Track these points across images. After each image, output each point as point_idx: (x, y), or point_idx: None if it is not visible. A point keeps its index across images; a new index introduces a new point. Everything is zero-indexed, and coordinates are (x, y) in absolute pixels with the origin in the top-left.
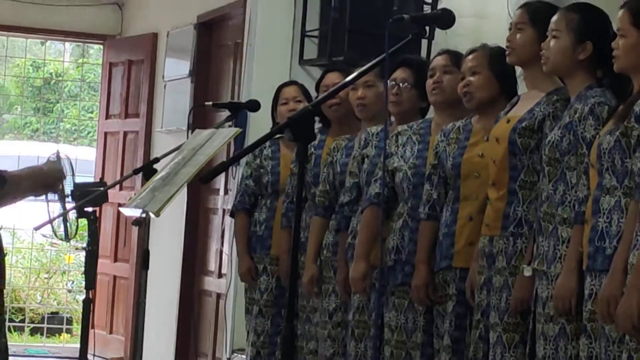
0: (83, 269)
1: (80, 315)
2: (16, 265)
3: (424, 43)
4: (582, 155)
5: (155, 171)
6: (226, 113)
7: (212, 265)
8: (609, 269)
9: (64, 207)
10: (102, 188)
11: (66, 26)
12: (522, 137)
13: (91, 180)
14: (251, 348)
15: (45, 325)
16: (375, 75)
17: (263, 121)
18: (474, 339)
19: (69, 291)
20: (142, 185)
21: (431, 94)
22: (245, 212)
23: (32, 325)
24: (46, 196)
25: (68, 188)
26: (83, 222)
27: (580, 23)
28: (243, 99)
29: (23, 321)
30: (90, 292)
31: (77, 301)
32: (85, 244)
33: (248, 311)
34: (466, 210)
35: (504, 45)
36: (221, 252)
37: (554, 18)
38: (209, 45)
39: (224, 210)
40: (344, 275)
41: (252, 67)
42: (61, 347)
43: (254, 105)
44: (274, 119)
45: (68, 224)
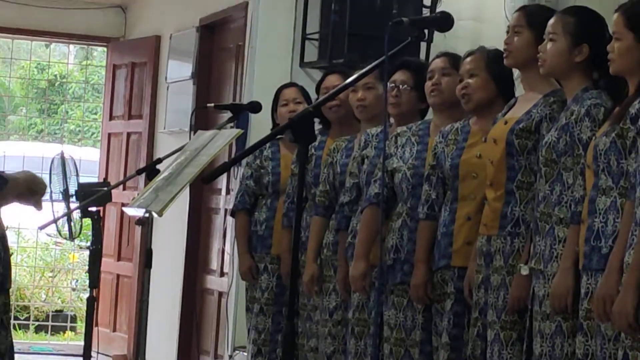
0: (87, 268)
1: (84, 313)
2: (21, 264)
3: (423, 46)
4: (579, 156)
5: (158, 171)
6: (228, 114)
7: (214, 264)
8: (605, 268)
9: (68, 207)
10: (106, 188)
11: (70, 29)
12: (520, 138)
13: (95, 180)
14: (252, 346)
15: (49, 323)
16: (374, 77)
17: (264, 122)
18: (472, 337)
19: (73, 289)
20: (145, 185)
21: (430, 96)
22: (245, 212)
23: (37, 323)
24: (51, 196)
25: (72, 188)
26: (87, 222)
27: (576, 26)
28: (244, 101)
29: (28, 319)
30: (94, 291)
31: (81, 299)
32: (89, 243)
33: (249, 309)
34: (464, 210)
35: (502, 47)
36: (223, 251)
37: (551, 21)
38: (211, 47)
39: (226, 210)
40: (344, 274)
41: (254, 69)
42: (65, 345)
43: (256, 106)
44: (274, 120)
45: (72, 224)
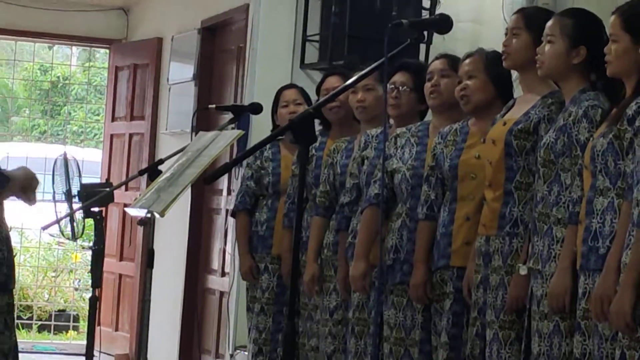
0: (89, 268)
1: (86, 312)
2: (24, 264)
3: (422, 47)
4: (576, 157)
5: (160, 172)
6: (229, 115)
7: (216, 264)
8: (602, 268)
9: (71, 207)
10: (108, 189)
11: (73, 31)
12: (518, 139)
13: (97, 181)
14: (253, 345)
15: (52, 322)
16: (374, 78)
17: (265, 123)
18: (471, 336)
19: (76, 289)
20: (147, 186)
21: (429, 98)
22: (246, 213)
23: (40, 322)
24: (54, 196)
25: (75, 189)
26: (89, 222)
27: (574, 28)
28: (245, 102)
29: (31, 319)
30: (96, 290)
31: (84, 299)
32: (91, 243)
33: (250, 309)
34: (463, 210)
35: (500, 49)
36: (224, 252)
37: (549, 23)
38: (213, 49)
39: (227, 210)
40: (344, 273)
41: (255, 71)
42: (68, 344)
43: (257, 108)
44: (274, 121)
45: (75, 224)
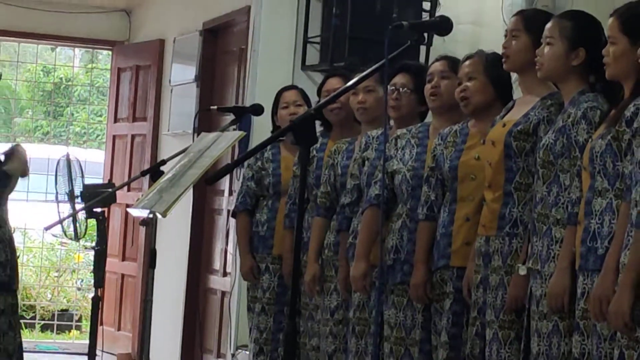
0: (92, 268)
1: (89, 312)
2: (27, 264)
3: (423, 49)
4: (575, 158)
5: (162, 173)
6: (231, 117)
7: (217, 264)
8: (601, 269)
9: (74, 208)
10: (111, 189)
11: (76, 33)
12: (518, 141)
13: (100, 181)
14: (254, 345)
15: (55, 322)
16: (375, 80)
17: (266, 125)
18: (471, 336)
19: (79, 289)
20: (150, 186)
21: (429, 99)
22: (246, 213)
23: (43, 322)
24: (56, 197)
25: (78, 189)
26: (92, 222)
27: (573, 30)
28: (247, 103)
29: (34, 318)
30: (99, 290)
31: (86, 299)
32: (94, 244)
33: (250, 309)
34: (463, 211)
35: (500, 51)
36: (226, 252)
37: (548, 25)
38: (214, 51)
39: (229, 210)
40: (345, 274)
41: (256, 72)
42: (71, 344)
43: (258, 109)
44: (274, 122)
45: (77, 224)
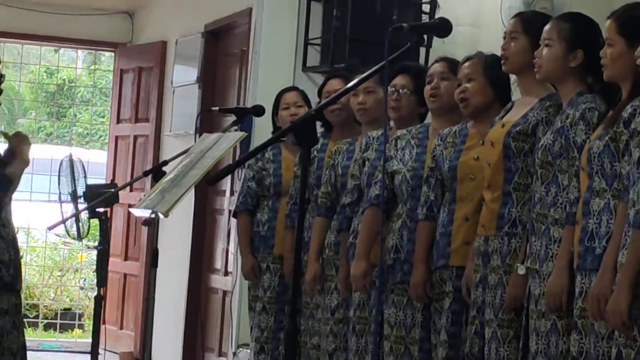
0: (95, 267)
1: (92, 311)
2: (30, 263)
3: (422, 51)
4: (573, 158)
5: (164, 173)
6: (232, 118)
7: (219, 263)
8: (599, 268)
9: (77, 208)
10: (113, 189)
11: (79, 34)
12: (516, 141)
13: (102, 182)
14: (255, 343)
15: (58, 321)
16: (375, 81)
17: (268, 125)
18: (470, 335)
19: (81, 288)
20: (152, 186)
21: (429, 100)
22: (247, 213)
23: (46, 321)
24: (59, 197)
25: (80, 189)
26: (95, 222)
27: (571, 32)
28: (248, 105)
29: (37, 317)
30: (101, 290)
31: (89, 298)
32: (96, 243)
33: (251, 308)
34: (462, 211)
35: (499, 53)
36: (227, 251)
37: (546, 27)
38: (216, 52)
39: (230, 210)
40: (346, 273)
41: (257, 74)
42: (73, 342)
43: (259, 110)
44: (275, 123)
45: (80, 224)
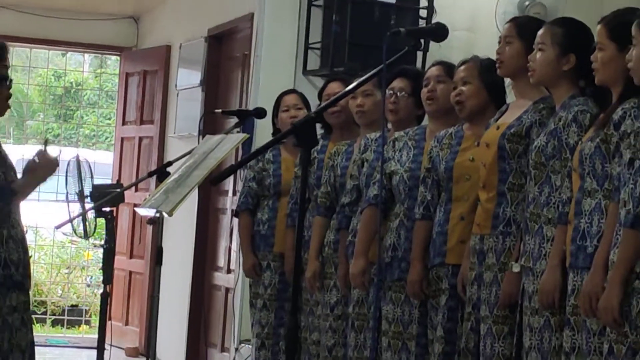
0: (101, 265)
1: (98, 308)
2: (38, 261)
3: (420, 55)
4: (566, 159)
5: (168, 174)
6: (234, 120)
7: (221, 261)
8: (591, 266)
9: (83, 207)
10: (119, 189)
11: (85, 39)
12: (511, 143)
13: (108, 182)
14: (256, 339)
15: (65, 317)
16: (373, 84)
17: (269, 127)
18: (466, 330)
19: (88, 285)
20: (156, 187)
21: (426, 103)
22: (248, 213)
23: (53, 317)
24: (67, 197)
25: (87, 189)
26: (101, 221)
27: (564, 36)
28: (250, 107)
29: (45, 313)
30: (107, 287)
31: (96, 295)
32: (103, 242)
33: (253, 305)
34: (458, 210)
35: (494, 57)
36: (230, 249)
37: (540, 32)
38: (219, 56)
39: (233, 210)
40: (345, 271)
41: (259, 77)
42: (80, 338)
43: (261, 112)
44: (275, 125)
45: (87, 223)
